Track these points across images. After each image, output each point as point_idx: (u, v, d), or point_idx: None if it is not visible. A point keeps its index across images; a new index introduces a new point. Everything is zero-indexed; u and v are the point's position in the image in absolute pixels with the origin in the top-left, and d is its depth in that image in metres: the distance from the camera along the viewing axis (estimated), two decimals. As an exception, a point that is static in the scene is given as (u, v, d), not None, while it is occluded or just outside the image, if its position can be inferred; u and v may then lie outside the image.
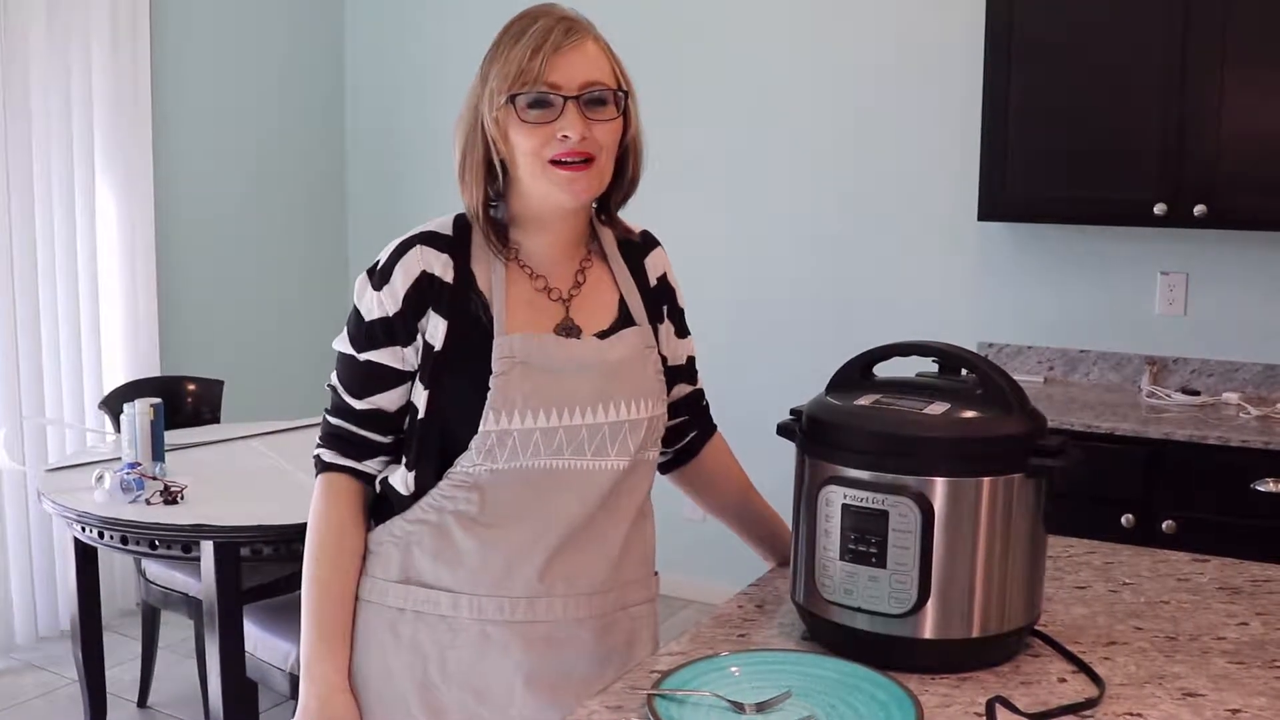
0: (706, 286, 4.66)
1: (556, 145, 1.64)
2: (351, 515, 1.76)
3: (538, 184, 1.67)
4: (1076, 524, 2.19)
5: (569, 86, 1.63)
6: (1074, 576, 1.98)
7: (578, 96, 1.64)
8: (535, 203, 1.71)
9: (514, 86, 1.63)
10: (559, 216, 1.74)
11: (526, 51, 1.63)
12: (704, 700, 1.46)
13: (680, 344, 1.93)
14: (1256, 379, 3.98)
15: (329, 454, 1.77)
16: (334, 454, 1.77)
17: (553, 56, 1.62)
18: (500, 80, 1.64)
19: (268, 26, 5.33)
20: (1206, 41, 3.62)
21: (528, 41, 1.63)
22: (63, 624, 4.53)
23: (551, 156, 1.64)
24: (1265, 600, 1.88)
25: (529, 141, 1.64)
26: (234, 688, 3.06)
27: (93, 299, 4.61)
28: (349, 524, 1.76)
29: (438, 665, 1.74)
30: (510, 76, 1.63)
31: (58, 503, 3.17)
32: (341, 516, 1.76)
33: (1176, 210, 3.70)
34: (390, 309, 1.70)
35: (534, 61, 1.62)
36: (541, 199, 1.70)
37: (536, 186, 1.68)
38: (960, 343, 1.77)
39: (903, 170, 4.51)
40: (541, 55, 1.62)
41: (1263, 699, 1.51)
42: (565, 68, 1.63)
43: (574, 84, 1.64)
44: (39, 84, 4.35)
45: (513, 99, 1.63)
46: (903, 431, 1.57)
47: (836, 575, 1.60)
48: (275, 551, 3.02)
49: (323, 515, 1.76)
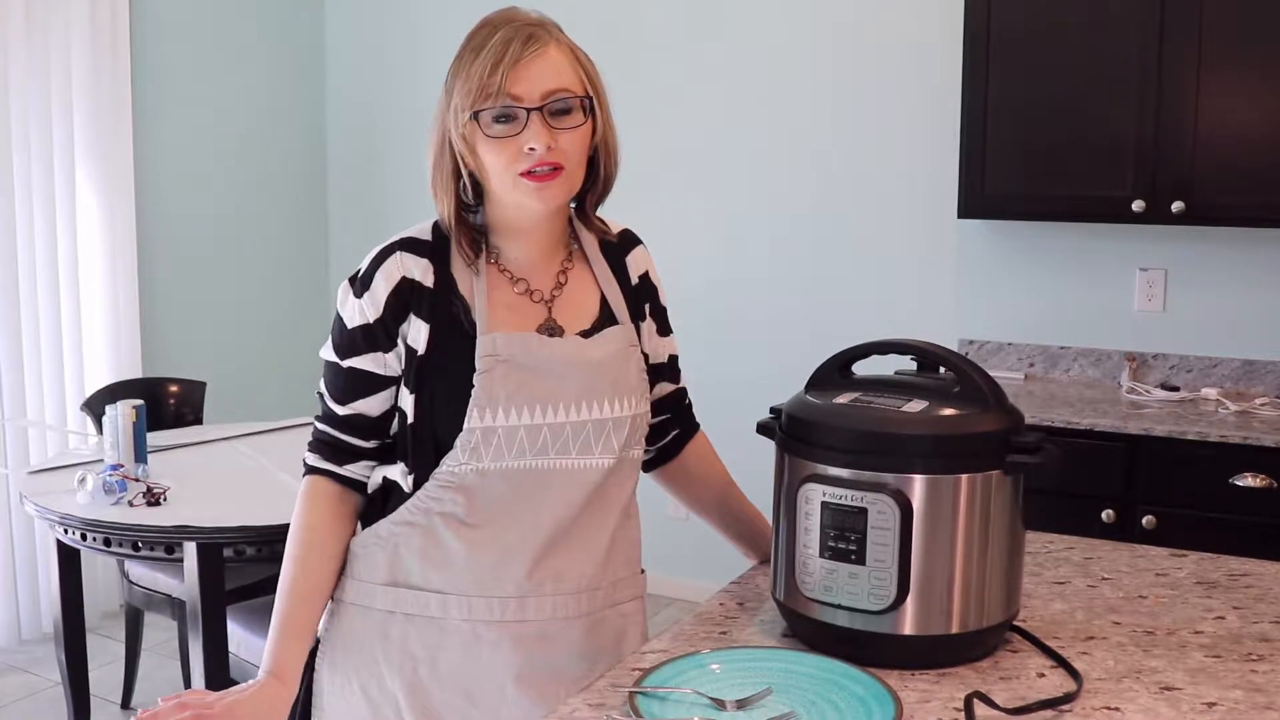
0: (686, 285, 4.67)
1: (524, 159, 1.63)
2: (327, 517, 1.77)
3: (510, 195, 1.68)
4: (1056, 519, 2.21)
5: (531, 98, 1.62)
6: (1053, 572, 2.00)
7: (540, 107, 1.63)
8: (510, 211, 1.72)
9: (477, 102, 1.63)
10: (534, 222, 1.75)
11: (486, 66, 1.62)
12: (685, 697, 1.46)
13: (662, 342, 1.94)
14: (1235, 374, 4.00)
15: (312, 458, 1.78)
16: (316, 458, 1.78)
17: (512, 69, 1.61)
18: (463, 96, 1.64)
19: (248, 26, 5.32)
20: (1183, 39, 3.64)
21: (487, 55, 1.62)
22: (46, 626, 4.52)
23: (521, 170, 1.64)
24: (1242, 594, 1.89)
25: (497, 157, 1.65)
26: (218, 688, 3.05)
27: (74, 301, 4.60)
28: (322, 525, 1.77)
29: (428, 667, 1.74)
30: (472, 92, 1.63)
31: (40, 505, 3.16)
32: (316, 518, 1.77)
33: (1155, 207, 3.72)
34: (371, 315, 1.71)
35: (494, 76, 1.61)
36: (516, 208, 1.71)
37: (509, 197, 1.69)
38: (941, 340, 1.78)
39: (882, 168, 4.52)
40: (501, 69, 1.61)
41: (1239, 692, 1.52)
42: (526, 79, 1.62)
43: (536, 95, 1.63)
44: (18, 85, 4.34)
45: (476, 115, 1.63)
46: (881, 429, 1.58)
47: (816, 572, 1.61)
48: (258, 552, 3.02)
49: (298, 515, 1.78)
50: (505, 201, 1.70)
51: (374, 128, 5.62)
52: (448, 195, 1.72)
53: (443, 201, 1.73)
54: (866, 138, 4.54)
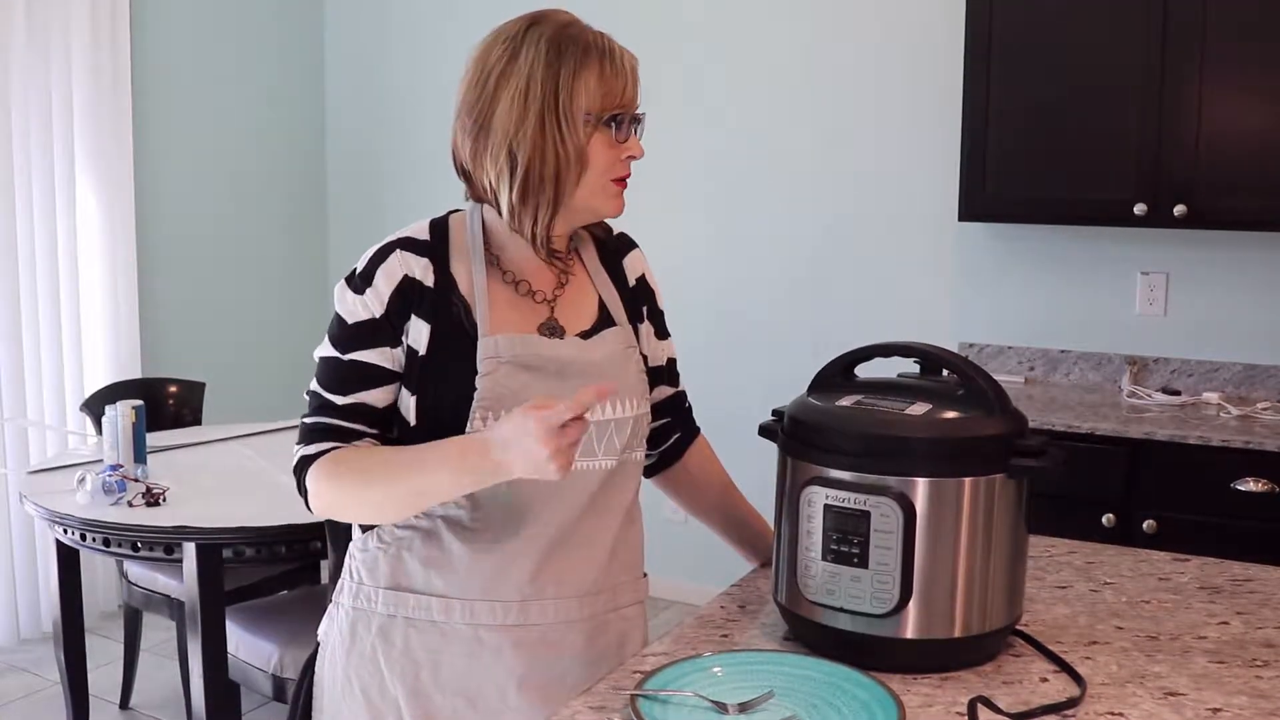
0: (688, 288, 4.67)
1: (621, 166, 1.71)
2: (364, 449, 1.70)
3: (593, 199, 1.71)
4: (1058, 524, 2.20)
5: (633, 109, 1.72)
6: (1055, 576, 1.99)
7: (640, 119, 1.73)
8: (573, 214, 1.74)
9: (612, 107, 1.68)
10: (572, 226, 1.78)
11: (624, 72, 1.69)
12: (687, 700, 1.46)
13: (660, 345, 1.94)
14: (1236, 379, 4.00)
15: (313, 447, 1.69)
16: (318, 445, 1.69)
17: (630, 79, 1.70)
18: (599, 99, 1.67)
19: (248, 26, 5.31)
20: (1186, 42, 3.64)
21: (619, 62, 1.69)
22: (45, 626, 4.51)
23: (615, 175, 1.71)
24: (1246, 599, 1.89)
25: (607, 160, 1.69)
26: (216, 689, 3.06)
27: (74, 301, 4.59)
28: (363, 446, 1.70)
29: (430, 672, 1.73)
30: (613, 95, 1.68)
31: (39, 505, 3.16)
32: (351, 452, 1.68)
33: (1156, 210, 3.72)
34: (376, 311, 1.69)
35: (623, 82, 1.69)
36: (583, 212, 1.74)
37: (589, 201, 1.72)
38: (941, 343, 1.78)
39: (883, 171, 4.51)
40: (628, 76, 1.70)
41: (1243, 698, 1.52)
42: (635, 90, 1.72)
43: (634, 107, 1.72)
44: (19, 84, 4.33)
45: (614, 119, 1.68)
46: (884, 432, 1.57)
47: (819, 575, 1.60)
48: (257, 553, 3.01)
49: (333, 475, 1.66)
50: (581, 206, 1.72)
51: (373, 129, 5.61)
52: (546, 202, 1.68)
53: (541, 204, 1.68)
54: (867, 140, 4.53)
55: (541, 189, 1.67)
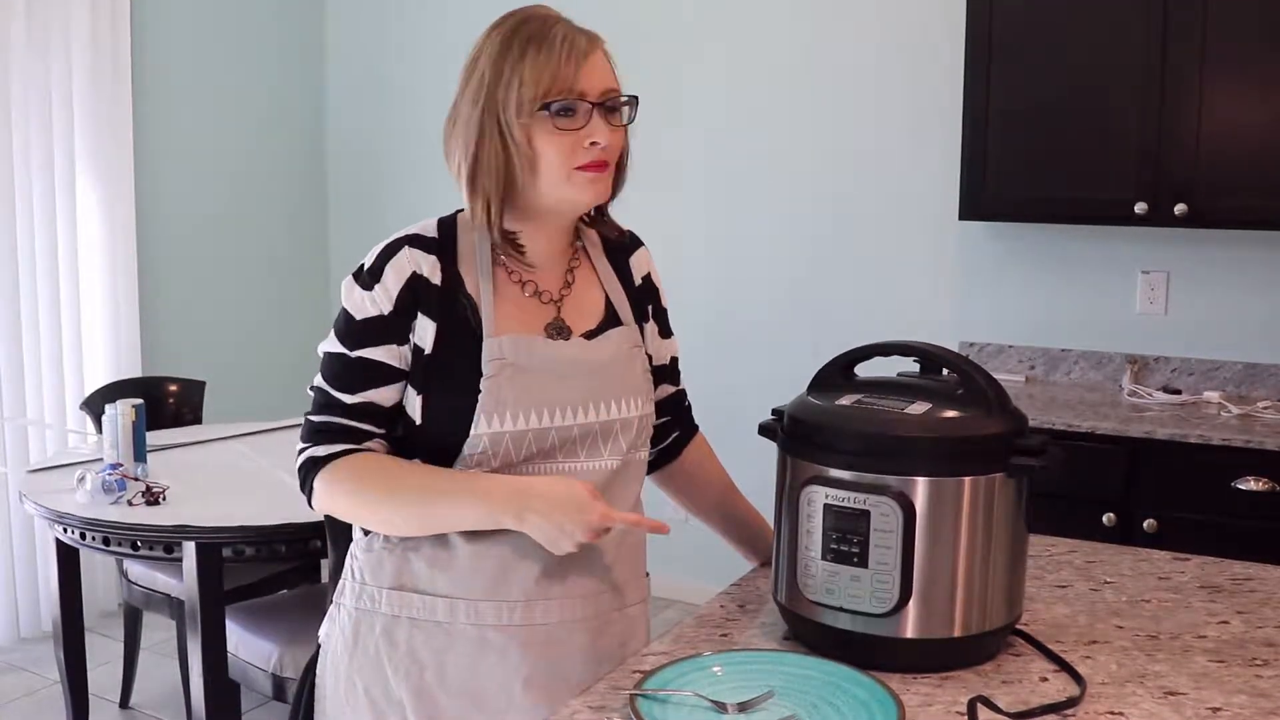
0: (688, 287, 4.67)
1: (584, 153, 1.66)
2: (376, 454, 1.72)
3: (558, 189, 1.68)
4: (1058, 523, 2.20)
5: (593, 94, 1.66)
6: (1055, 575, 1.99)
7: (602, 104, 1.67)
8: (548, 205, 1.71)
9: (549, 95, 1.63)
10: (562, 219, 1.75)
11: (559, 59, 1.64)
12: (686, 700, 1.46)
13: (664, 344, 1.94)
14: (1237, 378, 3.99)
15: (322, 448, 1.70)
16: (327, 446, 1.70)
17: (583, 64, 1.65)
18: (532, 87, 1.63)
19: (249, 26, 5.31)
20: (1186, 41, 3.63)
21: (558, 49, 1.64)
22: (44, 625, 4.51)
23: (578, 164, 1.66)
24: (1246, 599, 1.89)
25: (557, 149, 1.65)
26: (216, 688, 3.05)
27: (74, 300, 4.59)
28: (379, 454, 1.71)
29: (435, 672, 1.73)
30: (543, 83, 1.63)
31: (39, 504, 3.16)
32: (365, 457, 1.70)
33: (1157, 209, 3.71)
34: (385, 307, 1.68)
35: (567, 69, 1.64)
36: (557, 202, 1.70)
37: (555, 191, 1.68)
38: (942, 342, 1.77)
39: (884, 170, 4.51)
40: (574, 63, 1.64)
41: (1243, 697, 1.52)
42: (589, 76, 1.66)
43: (596, 92, 1.66)
44: (19, 84, 4.33)
45: (547, 106, 1.63)
46: (884, 431, 1.57)
47: (818, 575, 1.60)
48: (257, 552, 3.01)
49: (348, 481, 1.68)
50: (546, 195, 1.69)
51: (373, 128, 5.61)
52: (495, 191, 1.68)
53: (486, 198, 1.68)
54: (867, 140, 4.53)
55: (489, 179, 1.67)
